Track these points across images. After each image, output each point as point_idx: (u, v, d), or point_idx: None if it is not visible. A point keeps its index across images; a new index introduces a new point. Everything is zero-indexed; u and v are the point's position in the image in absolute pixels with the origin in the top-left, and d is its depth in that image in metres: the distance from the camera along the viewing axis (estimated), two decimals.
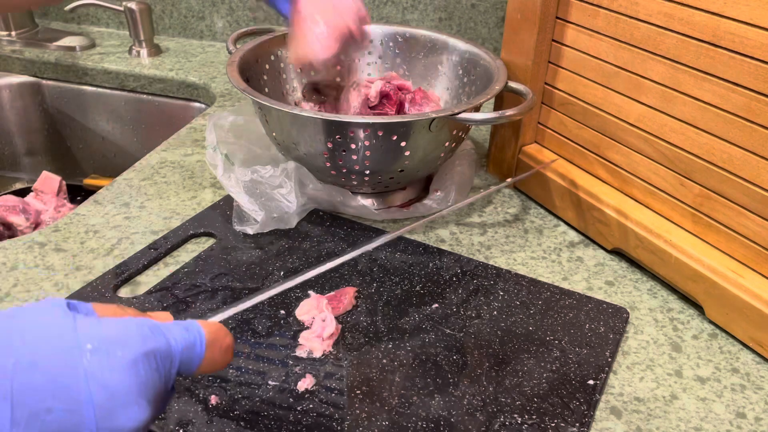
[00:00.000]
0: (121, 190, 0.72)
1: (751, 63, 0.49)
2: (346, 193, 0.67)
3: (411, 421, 0.45)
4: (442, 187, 0.70)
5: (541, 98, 0.69)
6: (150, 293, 0.56)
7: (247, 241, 0.63)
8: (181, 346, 0.31)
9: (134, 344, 0.29)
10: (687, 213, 0.58)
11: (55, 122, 1.13)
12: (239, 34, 0.76)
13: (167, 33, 1.18)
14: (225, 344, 0.33)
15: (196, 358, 0.32)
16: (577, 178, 0.66)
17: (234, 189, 0.64)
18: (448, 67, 0.77)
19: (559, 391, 0.48)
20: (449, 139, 0.64)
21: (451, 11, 1.01)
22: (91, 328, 0.29)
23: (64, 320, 0.28)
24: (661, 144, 0.58)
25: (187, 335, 0.31)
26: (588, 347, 0.52)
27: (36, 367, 0.27)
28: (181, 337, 0.31)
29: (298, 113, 0.60)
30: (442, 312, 0.55)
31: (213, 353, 0.32)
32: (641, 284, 0.61)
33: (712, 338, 0.55)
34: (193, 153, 0.80)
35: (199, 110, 1.03)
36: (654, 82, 0.57)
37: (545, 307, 0.56)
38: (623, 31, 0.58)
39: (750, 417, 0.48)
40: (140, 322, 0.30)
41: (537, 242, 0.66)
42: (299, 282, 0.42)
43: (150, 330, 0.30)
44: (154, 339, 0.30)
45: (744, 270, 0.54)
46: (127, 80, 1.05)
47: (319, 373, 0.49)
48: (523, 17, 0.65)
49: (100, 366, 0.28)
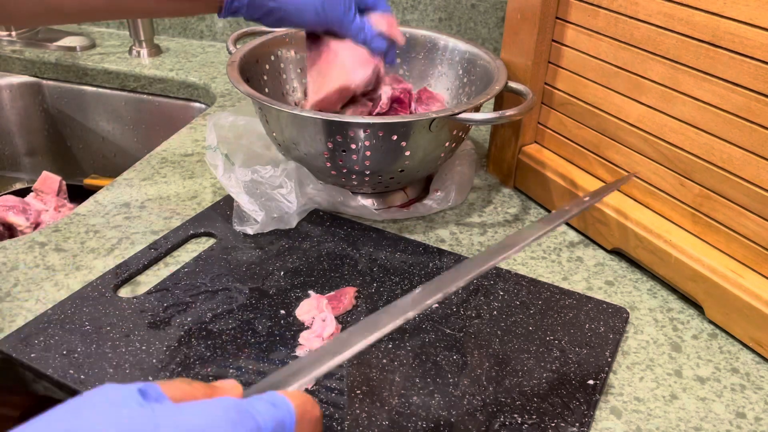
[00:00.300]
0: (121, 190, 0.72)
1: (751, 63, 0.49)
2: (346, 193, 0.67)
3: (411, 421, 0.45)
4: (442, 187, 0.70)
5: (541, 98, 0.69)
6: (150, 293, 0.56)
7: (247, 241, 0.63)
8: (270, 426, 0.28)
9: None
10: (687, 213, 0.58)
11: (56, 122, 1.13)
12: (239, 34, 0.76)
13: (167, 33, 1.18)
14: (314, 417, 0.30)
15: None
16: (577, 178, 0.66)
17: (234, 189, 0.64)
18: (448, 67, 0.77)
19: (559, 391, 0.48)
20: (449, 139, 0.64)
21: (451, 11, 1.01)
22: (173, 419, 0.25)
23: (142, 417, 0.25)
24: (661, 144, 0.58)
25: (275, 412, 0.28)
26: (588, 347, 0.52)
27: None
28: (270, 416, 0.28)
29: (298, 113, 0.60)
30: (442, 312, 0.55)
31: (302, 429, 0.29)
32: (641, 284, 0.61)
33: (712, 338, 0.55)
34: (193, 153, 0.80)
35: (199, 110, 1.03)
36: (654, 82, 0.57)
37: (545, 307, 0.56)
38: (623, 31, 0.58)
39: (750, 417, 0.48)
40: (225, 406, 0.27)
41: (537, 242, 0.66)
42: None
43: (237, 413, 0.27)
44: (243, 424, 0.27)
45: (744, 270, 0.54)
46: (128, 80, 1.05)
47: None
48: (523, 17, 0.65)
49: None
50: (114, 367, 0.48)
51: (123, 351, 0.50)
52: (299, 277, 0.59)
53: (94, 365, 0.48)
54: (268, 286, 0.58)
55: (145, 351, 0.50)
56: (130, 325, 0.52)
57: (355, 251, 0.63)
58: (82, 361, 0.49)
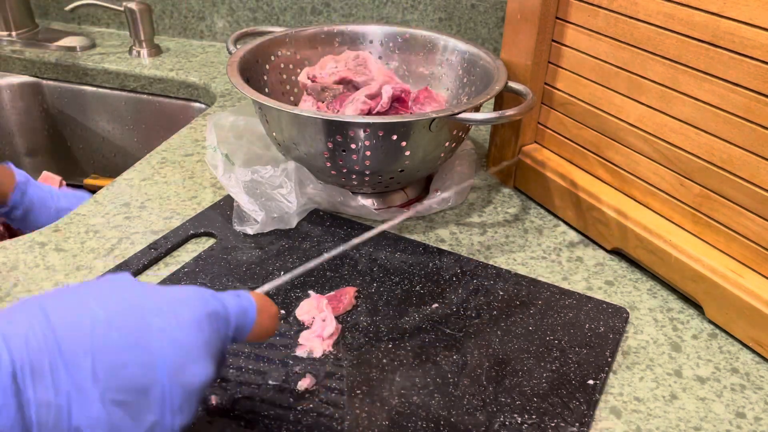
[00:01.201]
0: (121, 190, 0.72)
1: (751, 63, 0.49)
2: (346, 193, 0.67)
3: (411, 421, 0.45)
4: (442, 187, 0.71)
5: (541, 98, 0.69)
6: None
7: (247, 241, 0.63)
8: (236, 310, 0.33)
9: (198, 305, 0.31)
10: (687, 213, 0.58)
11: (56, 122, 1.13)
12: (239, 34, 0.76)
13: (167, 33, 1.18)
14: (272, 312, 0.36)
15: (249, 323, 0.34)
16: (577, 178, 0.66)
17: (234, 189, 0.64)
18: (448, 67, 0.77)
19: (559, 391, 0.48)
20: (449, 139, 0.64)
21: (451, 11, 1.01)
22: (156, 292, 0.31)
23: (131, 285, 0.31)
24: (661, 144, 0.58)
25: (239, 301, 0.34)
26: (588, 347, 0.52)
27: (111, 326, 0.28)
28: (235, 303, 0.34)
29: (298, 113, 0.60)
30: (442, 312, 0.55)
31: (263, 319, 0.35)
32: (641, 284, 0.61)
33: (711, 338, 0.55)
34: (193, 153, 0.80)
35: (199, 110, 1.03)
36: (654, 82, 0.57)
37: (545, 307, 0.56)
38: (623, 31, 0.58)
39: (750, 417, 0.48)
40: (199, 289, 0.33)
41: (537, 242, 0.66)
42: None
43: (210, 295, 0.33)
44: (214, 302, 0.32)
45: (744, 270, 0.54)
46: (128, 80, 1.05)
47: (319, 373, 0.49)
48: (523, 17, 0.65)
49: (169, 324, 0.30)
50: None
51: None
52: (299, 277, 0.59)
53: None
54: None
55: None
56: None
57: (355, 251, 0.62)
58: None
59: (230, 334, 0.33)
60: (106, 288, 0.31)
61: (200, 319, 0.31)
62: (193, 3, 1.13)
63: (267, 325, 0.35)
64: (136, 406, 0.28)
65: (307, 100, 0.72)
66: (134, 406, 0.28)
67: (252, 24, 1.11)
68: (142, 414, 0.28)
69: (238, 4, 1.10)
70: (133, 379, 0.28)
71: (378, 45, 0.80)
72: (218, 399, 0.46)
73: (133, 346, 0.28)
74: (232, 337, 0.34)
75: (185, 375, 0.29)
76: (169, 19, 1.16)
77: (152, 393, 0.29)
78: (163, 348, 0.29)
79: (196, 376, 0.30)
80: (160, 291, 0.31)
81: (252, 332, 0.34)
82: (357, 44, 0.80)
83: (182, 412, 0.30)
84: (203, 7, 1.13)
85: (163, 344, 0.29)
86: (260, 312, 0.35)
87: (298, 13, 1.08)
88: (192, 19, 1.15)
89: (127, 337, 0.28)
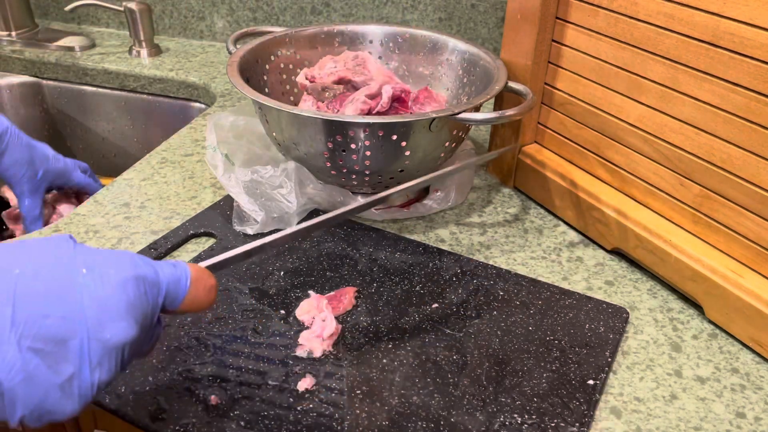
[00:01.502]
0: (121, 190, 0.72)
1: (751, 63, 0.49)
2: (346, 193, 0.67)
3: (411, 421, 0.45)
4: (442, 187, 0.71)
5: (541, 98, 0.69)
6: None
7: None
8: (168, 278, 0.34)
9: (125, 267, 0.32)
10: (687, 213, 0.58)
11: (56, 122, 1.13)
12: (239, 34, 0.76)
13: (167, 33, 1.18)
14: (209, 284, 0.36)
15: (182, 292, 0.35)
16: (577, 178, 0.66)
17: (234, 189, 0.64)
18: (448, 67, 0.77)
19: (559, 391, 0.48)
20: (449, 139, 0.64)
21: (451, 11, 1.01)
22: (88, 252, 0.32)
23: (65, 244, 0.32)
24: (661, 144, 0.58)
25: (173, 270, 0.35)
26: (588, 347, 0.52)
27: (37, 277, 0.30)
28: (169, 272, 0.34)
29: (298, 113, 0.60)
30: (442, 312, 0.55)
31: (197, 290, 0.35)
32: (641, 284, 0.61)
33: (711, 338, 0.55)
34: (193, 153, 0.80)
35: (199, 110, 1.03)
36: (654, 82, 0.57)
37: (545, 307, 0.56)
38: (623, 31, 0.58)
39: (750, 417, 0.48)
40: (133, 254, 0.34)
41: (537, 242, 0.66)
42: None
43: (141, 260, 0.34)
44: (144, 267, 0.33)
45: (744, 270, 0.54)
46: (127, 80, 1.05)
47: (319, 373, 0.49)
48: (523, 17, 0.65)
49: (94, 282, 0.31)
50: None
51: None
52: (299, 277, 0.59)
53: None
54: (268, 286, 0.58)
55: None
56: None
57: (355, 251, 0.63)
58: None
59: (160, 300, 0.34)
60: (41, 245, 0.32)
61: (126, 280, 0.32)
62: (193, 3, 1.13)
63: (202, 296, 0.36)
64: (53, 356, 0.29)
65: (307, 100, 0.72)
66: (52, 355, 0.29)
67: (252, 24, 1.11)
68: (60, 365, 0.30)
69: (238, 4, 1.10)
70: (52, 329, 0.29)
71: (378, 45, 0.80)
72: (218, 399, 0.46)
73: (55, 298, 0.30)
74: (164, 305, 0.34)
75: (104, 331, 0.30)
76: (169, 19, 1.16)
77: (71, 345, 0.30)
78: (85, 303, 0.30)
79: (115, 333, 0.31)
80: (93, 252, 0.32)
81: (184, 302, 0.35)
82: (357, 44, 0.80)
83: (101, 368, 0.31)
84: (203, 7, 1.13)
85: (85, 300, 0.30)
86: (195, 282, 0.35)
87: (298, 13, 1.08)
88: (192, 19, 1.15)
89: (50, 290, 0.30)
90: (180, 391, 0.47)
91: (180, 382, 0.47)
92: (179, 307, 0.35)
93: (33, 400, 0.30)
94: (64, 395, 0.30)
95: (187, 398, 0.46)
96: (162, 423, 0.44)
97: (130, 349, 0.32)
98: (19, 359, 0.29)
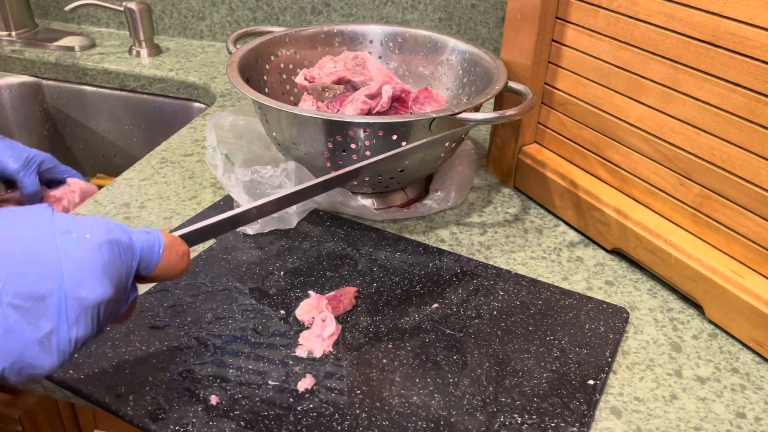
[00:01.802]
0: (121, 190, 0.72)
1: (751, 63, 0.49)
2: (346, 193, 0.67)
3: (411, 421, 0.45)
4: (442, 187, 0.70)
5: (541, 98, 0.69)
6: (150, 293, 0.56)
7: (247, 241, 0.63)
8: (142, 244, 0.36)
9: (101, 232, 0.34)
10: (687, 213, 0.58)
11: (56, 122, 1.13)
12: (239, 34, 0.76)
13: (167, 33, 1.18)
14: (181, 250, 0.38)
15: (155, 257, 0.37)
16: (577, 178, 0.66)
17: (234, 189, 0.64)
18: (448, 67, 0.77)
19: (559, 391, 0.48)
20: (449, 139, 0.64)
21: (451, 11, 1.01)
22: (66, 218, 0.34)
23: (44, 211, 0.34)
24: (661, 144, 0.58)
25: (147, 237, 0.37)
26: (588, 347, 0.52)
27: (17, 240, 0.32)
28: (143, 238, 0.37)
29: (298, 113, 0.60)
30: (442, 312, 0.55)
31: (170, 255, 0.37)
32: (641, 284, 0.61)
33: (712, 338, 0.55)
34: (193, 153, 0.80)
35: (199, 110, 1.03)
36: (654, 82, 0.57)
37: (545, 307, 0.56)
38: (623, 31, 0.58)
39: (750, 417, 0.48)
40: (108, 220, 0.36)
41: (537, 242, 0.66)
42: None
43: (115, 226, 0.36)
44: (118, 232, 0.35)
45: (744, 270, 0.54)
46: (127, 80, 1.05)
47: (319, 373, 0.49)
48: (523, 17, 0.65)
49: (70, 244, 0.33)
50: (114, 367, 0.48)
51: (123, 351, 0.50)
52: (299, 277, 0.59)
53: (94, 365, 0.48)
54: (268, 286, 0.58)
55: (145, 351, 0.50)
56: (130, 325, 0.52)
57: (355, 251, 0.62)
58: (82, 361, 0.49)
59: (134, 264, 0.36)
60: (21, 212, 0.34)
61: (101, 243, 0.34)
62: (193, 3, 1.13)
63: (174, 262, 0.38)
64: (33, 312, 0.31)
65: (307, 99, 0.72)
66: (31, 312, 0.31)
67: (252, 24, 1.11)
68: (39, 320, 0.32)
69: (238, 4, 1.10)
70: (31, 286, 0.31)
71: (378, 45, 0.80)
72: (218, 399, 0.46)
73: (34, 259, 0.32)
74: (138, 268, 0.36)
75: (81, 289, 0.32)
76: (169, 19, 1.16)
77: (49, 302, 0.32)
78: (63, 264, 0.32)
79: (91, 291, 0.33)
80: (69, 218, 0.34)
81: (158, 267, 0.37)
82: (357, 44, 0.80)
83: (78, 325, 0.33)
84: (203, 7, 1.13)
85: (62, 260, 0.32)
86: (168, 248, 0.37)
87: (298, 13, 1.08)
88: (192, 19, 1.15)
89: (29, 251, 0.32)
90: (180, 391, 0.47)
91: (180, 382, 0.47)
92: (153, 272, 0.37)
93: (13, 353, 0.31)
94: (43, 350, 0.32)
95: (187, 398, 0.46)
96: (162, 423, 0.44)
97: (106, 309, 0.34)
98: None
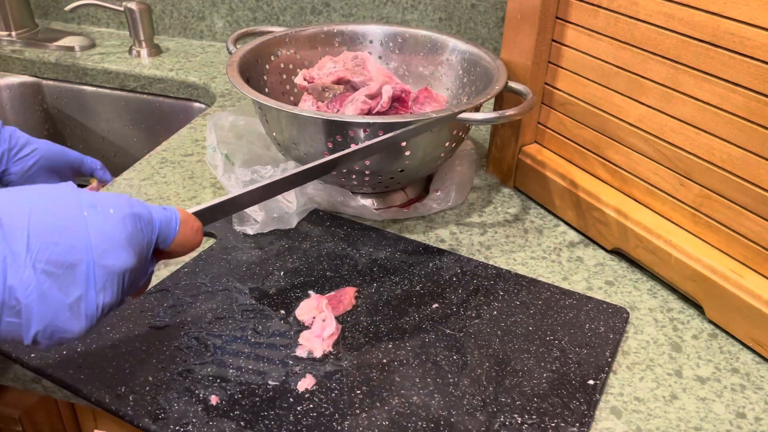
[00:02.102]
0: (121, 190, 0.72)
1: (751, 63, 0.49)
2: (346, 193, 0.67)
3: (411, 421, 0.45)
4: (442, 187, 0.71)
5: (541, 98, 0.69)
6: (150, 293, 0.56)
7: (247, 241, 0.63)
8: (160, 218, 0.39)
9: (124, 206, 0.37)
10: (687, 213, 0.58)
11: (56, 122, 1.13)
12: (239, 34, 0.76)
13: (167, 33, 1.18)
14: (196, 225, 0.41)
15: (172, 232, 0.40)
16: (577, 178, 0.66)
17: (234, 189, 0.64)
18: (448, 67, 0.77)
19: (559, 391, 0.48)
20: (449, 139, 0.64)
21: (451, 11, 1.01)
22: (90, 193, 0.37)
23: (69, 188, 0.36)
24: (661, 144, 0.58)
25: (165, 212, 0.40)
26: (588, 347, 0.52)
27: (48, 212, 0.34)
28: (161, 213, 0.39)
29: (298, 113, 0.60)
30: (442, 312, 0.55)
31: (186, 230, 0.40)
32: (641, 284, 0.61)
33: (712, 338, 0.55)
34: (193, 153, 0.80)
35: (199, 110, 1.03)
36: (654, 82, 0.57)
37: (545, 307, 0.56)
38: (623, 31, 0.58)
39: (750, 417, 0.48)
40: (130, 197, 0.38)
41: (537, 242, 0.66)
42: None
43: (137, 201, 0.38)
44: (140, 207, 0.38)
45: (744, 270, 0.54)
46: (127, 80, 1.05)
47: (319, 373, 0.49)
48: (523, 17, 0.65)
49: (96, 217, 0.35)
50: (114, 367, 0.48)
51: (123, 351, 0.50)
52: (299, 277, 0.59)
53: (95, 365, 0.48)
54: (268, 286, 0.58)
55: (145, 351, 0.50)
56: (131, 326, 0.52)
57: (355, 251, 0.63)
58: (82, 361, 0.49)
59: (154, 237, 0.39)
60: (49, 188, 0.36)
61: (125, 216, 0.36)
62: (193, 3, 1.13)
63: (189, 236, 0.41)
64: (63, 278, 0.34)
65: (307, 99, 0.72)
66: (62, 278, 0.34)
67: (252, 24, 1.11)
68: (69, 287, 0.34)
69: (238, 4, 1.10)
70: (61, 255, 0.33)
71: (378, 45, 0.80)
72: (218, 399, 0.46)
73: (63, 229, 0.34)
74: (157, 242, 0.39)
75: (107, 258, 0.35)
76: (169, 19, 1.16)
77: (78, 270, 0.34)
78: (90, 234, 0.34)
79: (117, 260, 0.35)
80: (94, 194, 0.37)
81: (175, 241, 0.40)
82: (357, 44, 0.80)
83: (105, 292, 0.35)
84: (203, 7, 1.13)
85: (89, 231, 0.35)
86: (183, 223, 0.40)
87: (298, 13, 1.08)
88: (192, 19, 1.15)
89: (59, 222, 0.34)
90: (180, 391, 0.47)
91: (180, 382, 0.47)
92: (170, 246, 0.40)
93: (46, 317, 0.33)
94: (72, 315, 0.34)
95: (187, 398, 0.46)
96: (162, 423, 0.44)
97: (130, 277, 0.37)
98: (34, 279, 0.33)
